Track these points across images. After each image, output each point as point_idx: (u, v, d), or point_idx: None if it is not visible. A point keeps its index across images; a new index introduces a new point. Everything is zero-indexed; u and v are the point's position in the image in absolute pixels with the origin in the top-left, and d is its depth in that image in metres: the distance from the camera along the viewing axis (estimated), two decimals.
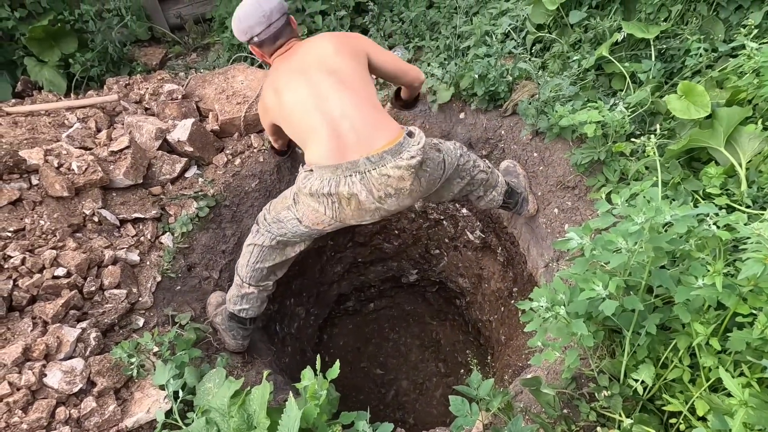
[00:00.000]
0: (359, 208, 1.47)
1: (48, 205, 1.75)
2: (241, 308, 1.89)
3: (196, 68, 3.15)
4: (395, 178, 1.42)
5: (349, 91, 1.49)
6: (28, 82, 2.89)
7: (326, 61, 1.55)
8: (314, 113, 1.47)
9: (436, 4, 3.01)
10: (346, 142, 1.43)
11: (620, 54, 2.21)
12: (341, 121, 1.45)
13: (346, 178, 1.41)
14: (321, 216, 1.54)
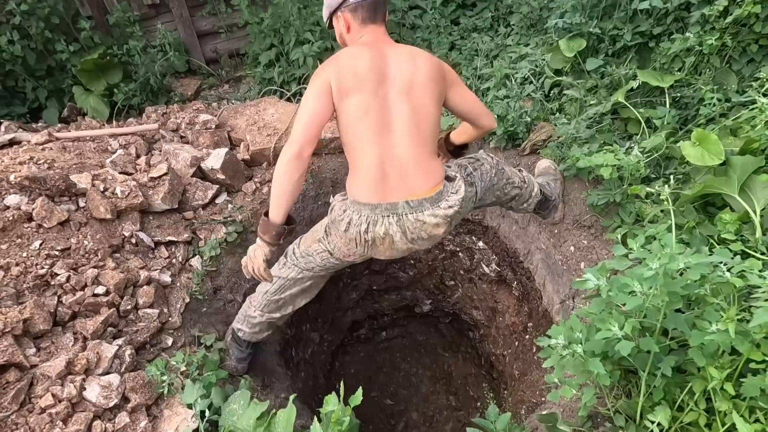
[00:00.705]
0: (391, 247, 1.51)
1: (92, 227, 1.87)
2: (239, 327, 1.89)
3: (228, 99, 3.34)
4: (430, 225, 1.46)
5: (417, 134, 1.45)
6: (74, 109, 3.09)
7: (412, 89, 1.45)
8: (376, 142, 1.43)
9: (457, 46, 3.18)
10: (391, 183, 1.44)
11: (636, 100, 2.30)
12: (395, 162, 1.44)
13: (383, 218, 1.44)
14: (353, 249, 1.57)
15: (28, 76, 2.89)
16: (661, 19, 2.25)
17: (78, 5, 2.91)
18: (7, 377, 1.32)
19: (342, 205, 1.52)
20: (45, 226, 1.74)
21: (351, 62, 1.43)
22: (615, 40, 2.37)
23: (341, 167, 2.80)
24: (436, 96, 1.50)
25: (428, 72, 1.47)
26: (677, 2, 2.14)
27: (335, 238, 1.59)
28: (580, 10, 2.39)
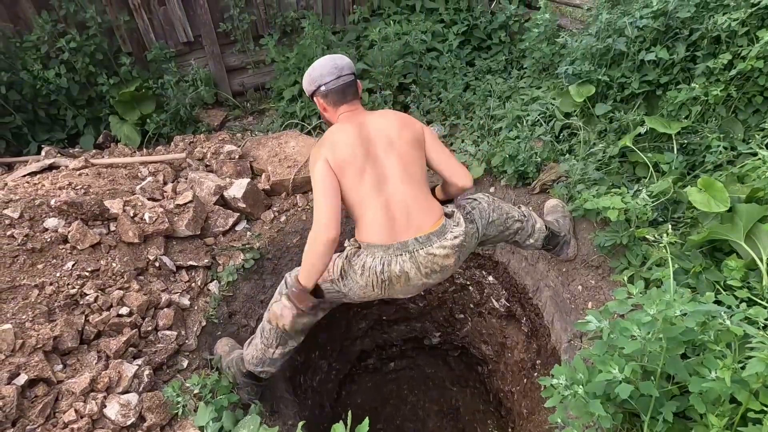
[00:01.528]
0: (407, 284, 1.60)
1: (120, 250, 1.99)
2: (262, 370, 1.87)
3: (252, 131, 3.51)
4: (441, 257, 1.57)
5: (409, 179, 1.60)
6: (108, 136, 3.30)
7: (393, 141, 1.62)
8: (376, 196, 1.56)
9: (472, 87, 3.32)
10: (400, 224, 1.56)
11: (644, 144, 2.37)
12: (398, 205, 1.57)
13: (397, 257, 1.55)
14: (369, 291, 1.63)
15: (69, 105, 3.11)
16: (667, 69, 2.34)
17: (120, 42, 3.15)
18: (36, 391, 1.40)
19: (355, 251, 1.63)
20: (78, 248, 1.86)
21: (338, 138, 1.61)
22: (623, 87, 2.46)
23: None
24: (415, 143, 1.67)
25: (401, 123, 1.68)
26: (683, 54, 2.24)
27: (351, 282, 1.66)
28: (590, 59, 2.51)
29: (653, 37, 2.31)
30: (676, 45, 2.27)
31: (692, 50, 2.26)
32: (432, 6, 3.71)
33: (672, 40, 2.31)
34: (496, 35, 3.59)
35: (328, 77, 1.68)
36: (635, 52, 2.34)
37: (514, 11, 3.47)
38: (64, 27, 2.89)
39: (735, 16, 2.02)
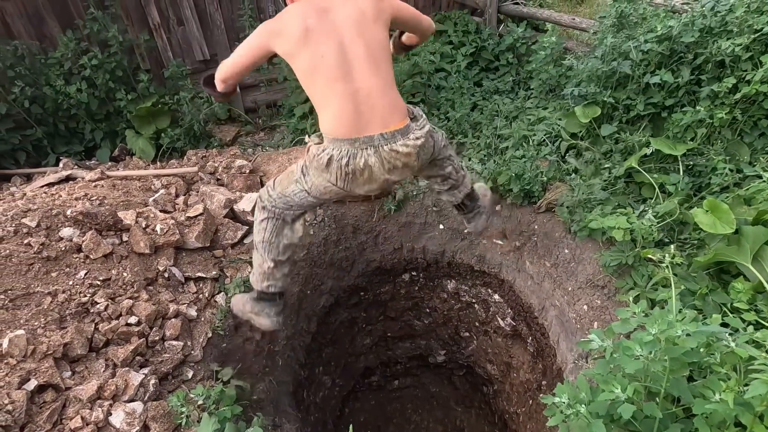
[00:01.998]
0: (370, 178, 1.61)
1: (131, 260, 2.03)
2: (268, 284, 1.88)
3: (263, 146, 3.59)
4: (403, 154, 1.58)
5: (376, 69, 1.53)
6: (124, 149, 3.39)
7: (364, 28, 1.53)
8: (342, 84, 1.50)
9: (479, 106, 3.38)
10: (366, 118, 1.53)
11: (649, 165, 2.39)
12: (365, 98, 1.52)
13: (362, 150, 1.54)
14: (330, 187, 1.64)
15: (88, 119, 3.21)
16: (673, 92, 2.37)
17: (139, 60, 3.27)
18: (45, 397, 1.43)
19: (319, 146, 1.60)
20: (91, 257, 1.91)
21: (295, 21, 1.52)
22: (629, 109, 2.49)
23: (363, 214, 2.94)
24: (382, 23, 1.59)
25: (372, 7, 1.57)
26: (688, 78, 2.27)
27: (312, 178, 1.66)
28: (595, 81, 2.55)
29: (658, 61, 2.35)
30: (681, 68, 2.31)
31: (697, 74, 2.29)
32: (441, 28, 3.81)
33: (677, 63, 2.34)
34: (503, 57, 3.66)
35: None
36: (640, 75, 2.38)
37: (522, 34, 3.55)
38: (87, 45, 3.01)
39: (738, 41, 2.05)
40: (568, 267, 2.36)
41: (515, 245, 2.69)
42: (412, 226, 3.00)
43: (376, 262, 3.06)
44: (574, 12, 4.69)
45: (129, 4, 3.05)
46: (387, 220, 2.98)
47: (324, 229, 2.81)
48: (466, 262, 2.98)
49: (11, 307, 1.59)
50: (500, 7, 3.77)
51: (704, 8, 2.27)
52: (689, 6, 2.55)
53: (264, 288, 1.89)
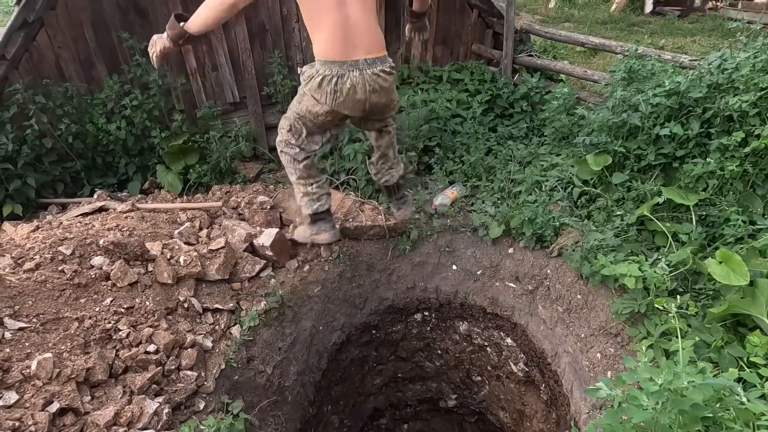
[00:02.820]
0: (353, 97, 1.85)
1: (154, 289, 2.13)
2: (317, 205, 2.21)
3: (284, 183, 3.73)
4: (381, 78, 1.87)
5: (364, 3, 1.81)
6: (153, 182, 3.58)
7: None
8: (336, 12, 1.75)
9: (493, 151, 3.48)
10: (354, 44, 1.79)
11: (662, 214, 2.41)
12: (354, 27, 1.78)
13: (349, 72, 1.80)
14: (320, 104, 1.88)
15: (124, 154, 3.43)
16: (683, 143, 2.43)
17: (174, 101, 3.52)
18: (64, 420, 1.48)
19: (312, 69, 1.86)
20: (118, 285, 2.01)
21: None
22: (640, 159, 2.55)
23: (377, 252, 3.01)
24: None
25: None
26: (697, 131, 2.33)
27: (306, 101, 1.94)
28: (606, 131, 2.63)
29: (667, 114, 2.43)
30: (690, 121, 2.38)
31: (706, 127, 2.35)
32: (458, 77, 4.00)
33: (686, 116, 2.41)
34: (518, 104, 3.80)
35: None
36: (650, 126, 2.46)
37: (536, 84, 3.70)
38: (130, 87, 3.27)
39: (745, 98, 2.12)
40: (580, 313, 2.35)
41: (528, 289, 2.70)
42: (425, 266, 3.04)
43: (388, 300, 3.09)
44: (587, 63, 4.87)
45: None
46: (401, 258, 3.04)
47: (339, 266, 2.88)
48: (478, 303, 2.99)
49: (42, 331, 1.68)
50: (515, 58, 3.95)
51: (711, 66, 2.36)
52: (697, 62, 2.65)
53: (315, 210, 2.23)
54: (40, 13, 2.83)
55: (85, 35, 3.06)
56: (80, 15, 2.99)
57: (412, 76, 4.07)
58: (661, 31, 5.68)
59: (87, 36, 3.07)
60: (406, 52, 4.09)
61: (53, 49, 3.02)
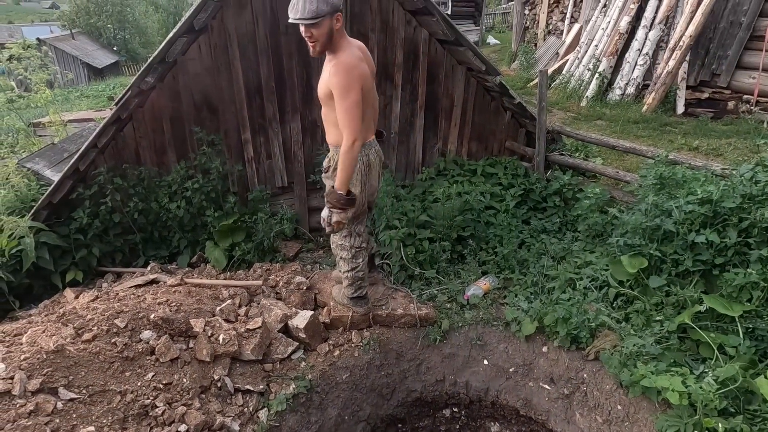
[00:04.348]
0: (376, 172, 2.41)
1: (192, 366, 2.21)
2: (359, 292, 2.79)
3: (321, 263, 3.89)
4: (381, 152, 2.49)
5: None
6: (201, 257, 3.83)
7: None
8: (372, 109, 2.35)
9: (526, 244, 3.53)
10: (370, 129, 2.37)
11: (705, 323, 2.33)
12: (373, 116, 2.40)
13: (372, 149, 2.38)
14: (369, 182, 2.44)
15: (179, 230, 3.74)
16: (722, 251, 2.41)
17: (230, 184, 3.88)
18: None
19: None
20: (161, 360, 2.12)
21: (364, 68, 2.13)
22: (677, 264, 2.53)
23: (407, 341, 3.00)
24: None
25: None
26: (735, 239, 2.32)
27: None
28: (640, 233, 2.66)
29: (702, 221, 2.45)
30: (727, 230, 2.38)
31: (744, 236, 2.34)
32: (491, 171, 4.21)
33: (722, 224, 2.42)
34: (551, 199, 3.91)
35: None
36: (685, 232, 2.47)
37: (568, 181, 3.83)
38: (193, 172, 3.66)
39: None
40: (622, 426, 2.21)
41: (564, 393, 2.58)
42: (455, 358, 2.99)
43: (417, 392, 3.01)
44: (620, 161, 5.00)
45: (231, 143, 3.75)
46: (431, 349, 3.01)
47: (369, 352, 2.88)
48: (511, 404, 2.85)
49: (88, 402, 1.78)
50: (547, 156, 4.14)
51: (743, 177, 2.42)
52: (728, 171, 2.71)
53: (356, 295, 2.78)
54: (132, 111, 3.33)
55: (163, 127, 3.53)
56: (162, 111, 3.48)
57: (447, 168, 4.32)
58: (695, 132, 5.80)
59: (165, 128, 3.54)
60: (442, 147, 4.38)
61: (135, 138, 3.50)
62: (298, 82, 3.69)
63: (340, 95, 2.01)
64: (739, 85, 6.64)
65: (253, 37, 3.44)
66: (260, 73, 3.56)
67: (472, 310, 3.05)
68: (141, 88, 3.24)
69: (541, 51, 11.23)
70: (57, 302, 3.05)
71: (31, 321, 2.34)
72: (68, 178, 3.30)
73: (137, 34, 28.66)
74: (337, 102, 2.03)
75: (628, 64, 7.46)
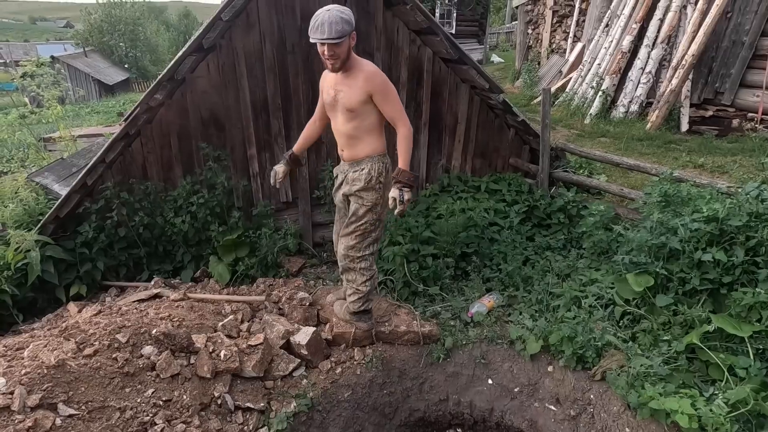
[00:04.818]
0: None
1: (193, 383, 2.19)
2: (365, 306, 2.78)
3: (324, 279, 3.88)
4: None
5: None
6: (204, 272, 3.83)
7: None
8: None
9: (531, 261, 3.51)
10: None
11: (714, 343, 2.28)
12: None
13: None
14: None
15: (183, 244, 3.75)
16: (729, 269, 2.38)
17: (235, 200, 3.90)
18: None
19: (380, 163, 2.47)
20: (161, 376, 2.10)
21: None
22: (684, 282, 2.50)
23: (410, 359, 2.96)
24: None
25: None
26: (742, 258, 2.29)
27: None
28: (646, 251, 2.63)
29: (708, 239, 2.42)
30: (734, 248, 2.36)
31: (752, 255, 2.32)
32: (495, 188, 4.21)
33: (728, 242, 2.40)
34: (555, 216, 3.89)
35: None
36: (691, 250, 2.45)
37: (572, 198, 3.82)
38: (199, 187, 3.70)
39: None
40: None
41: (570, 414, 2.52)
42: (459, 377, 2.94)
43: (419, 411, 2.95)
44: (624, 178, 4.99)
45: (237, 158, 3.79)
46: (434, 367, 2.96)
47: (371, 370, 2.84)
48: (516, 425, 2.79)
49: (87, 419, 1.76)
50: (551, 173, 4.15)
51: (749, 195, 2.40)
52: (734, 188, 2.69)
53: (363, 308, 2.77)
54: (140, 127, 3.39)
55: (171, 143, 3.58)
56: (170, 127, 3.53)
57: (451, 184, 4.33)
58: (699, 150, 5.79)
59: (172, 144, 3.59)
60: (446, 163, 4.40)
61: (143, 154, 3.54)
62: (304, 99, 3.74)
63: (386, 94, 2.25)
64: (743, 103, 6.66)
65: (260, 55, 3.50)
66: (267, 90, 3.62)
67: (476, 328, 3.01)
68: (150, 105, 3.30)
69: (544, 69, 11.36)
70: (60, 316, 3.05)
71: (34, 335, 2.34)
72: (76, 192, 3.34)
73: (148, 52, 29.37)
74: (385, 101, 2.27)
75: (631, 82, 7.52)
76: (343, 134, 2.44)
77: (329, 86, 2.36)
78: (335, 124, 2.47)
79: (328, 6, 2.12)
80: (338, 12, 2.09)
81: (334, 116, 2.45)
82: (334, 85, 2.33)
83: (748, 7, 6.39)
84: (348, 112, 2.33)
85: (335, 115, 2.43)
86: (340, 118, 2.40)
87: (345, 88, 2.29)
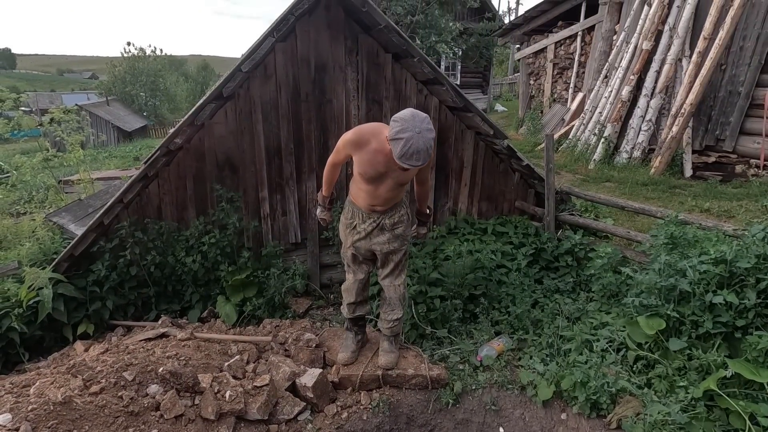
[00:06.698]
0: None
1: (196, 425, 2.15)
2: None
3: (330, 321, 3.85)
4: None
5: None
6: (212, 311, 3.83)
7: None
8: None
9: (540, 304, 3.47)
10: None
11: (732, 389, 2.21)
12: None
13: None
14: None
15: (192, 284, 3.78)
16: (742, 312, 2.34)
17: (245, 240, 3.97)
18: None
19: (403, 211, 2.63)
20: (165, 417, 2.07)
21: None
22: (697, 325, 2.46)
23: (418, 404, 2.87)
24: None
25: None
26: (754, 300, 2.27)
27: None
28: (656, 293, 2.61)
29: (718, 281, 2.41)
30: (745, 291, 2.34)
31: (763, 297, 2.29)
32: (502, 230, 4.25)
33: (739, 285, 2.38)
34: (563, 259, 3.89)
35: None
36: (702, 292, 2.43)
37: (579, 240, 3.83)
38: (211, 227, 3.78)
39: None
40: None
41: None
42: (469, 425, 2.83)
43: None
44: (631, 221, 5.01)
45: (249, 200, 3.90)
46: (443, 413, 2.86)
47: (378, 415, 2.75)
48: None
49: None
50: (557, 216, 4.19)
51: (755, 237, 2.41)
52: (740, 231, 2.71)
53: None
54: (159, 169, 3.54)
55: (186, 185, 3.71)
56: (186, 170, 3.68)
57: (458, 227, 4.38)
58: (705, 194, 5.84)
59: (187, 185, 3.72)
60: (453, 206, 4.48)
61: (159, 195, 3.67)
62: (315, 145, 3.90)
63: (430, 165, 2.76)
64: (745, 149, 6.78)
65: (275, 104, 3.70)
66: (280, 136, 3.79)
67: (485, 372, 2.94)
68: (169, 149, 3.46)
69: (547, 117, 11.72)
70: (66, 355, 3.04)
71: (40, 372, 2.33)
72: (92, 231, 3.43)
73: (167, 101, 30.82)
74: (428, 169, 2.59)
75: (632, 129, 7.72)
76: (384, 197, 2.42)
77: (382, 163, 2.22)
78: (376, 189, 2.36)
79: (417, 126, 1.93)
80: (428, 133, 1.95)
81: (378, 184, 2.33)
82: (387, 162, 2.20)
83: (741, 60, 6.67)
84: (399, 186, 2.39)
85: (380, 184, 2.33)
86: (386, 186, 2.35)
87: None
